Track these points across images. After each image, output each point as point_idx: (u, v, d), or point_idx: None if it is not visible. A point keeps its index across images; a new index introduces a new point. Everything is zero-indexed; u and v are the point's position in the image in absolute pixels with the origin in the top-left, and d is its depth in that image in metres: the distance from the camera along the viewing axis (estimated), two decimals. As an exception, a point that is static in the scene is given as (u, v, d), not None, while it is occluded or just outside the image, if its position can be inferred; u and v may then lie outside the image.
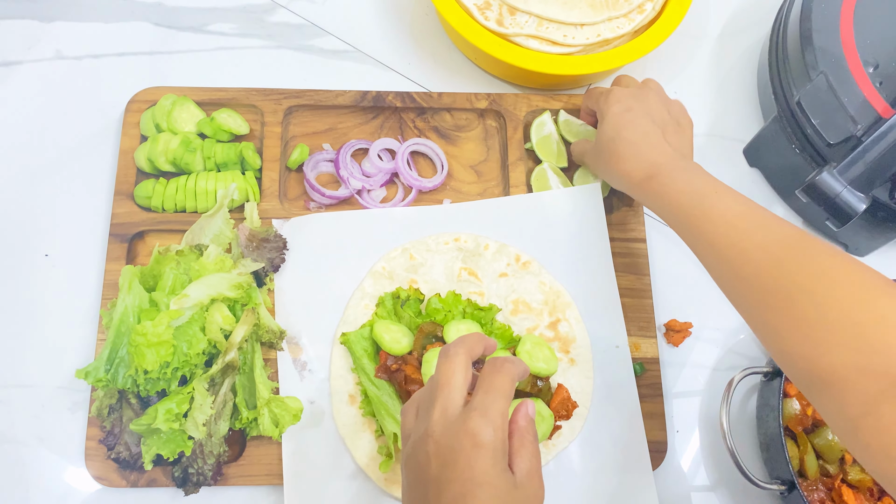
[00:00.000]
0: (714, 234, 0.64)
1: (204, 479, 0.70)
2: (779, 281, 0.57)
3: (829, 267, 0.56)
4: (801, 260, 0.58)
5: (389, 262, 0.80)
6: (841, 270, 0.56)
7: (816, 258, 0.57)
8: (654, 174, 0.70)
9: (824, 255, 0.57)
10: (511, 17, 0.85)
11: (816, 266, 0.57)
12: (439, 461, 0.53)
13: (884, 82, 0.77)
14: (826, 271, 0.56)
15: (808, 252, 0.58)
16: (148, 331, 0.67)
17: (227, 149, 0.82)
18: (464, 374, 0.57)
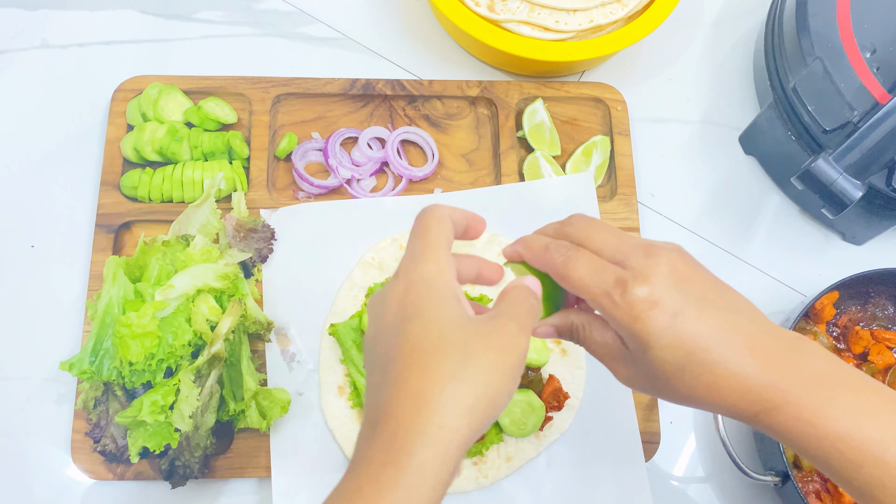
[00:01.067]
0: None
1: (191, 471, 0.70)
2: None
3: None
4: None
5: (379, 253, 0.79)
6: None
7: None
8: (777, 403, 0.43)
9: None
10: (502, 3, 0.84)
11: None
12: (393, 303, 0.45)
13: (881, 67, 0.76)
14: None
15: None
16: (132, 322, 0.66)
17: (214, 138, 0.81)
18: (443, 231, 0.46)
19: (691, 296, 0.44)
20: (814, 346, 0.45)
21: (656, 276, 0.45)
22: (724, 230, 0.86)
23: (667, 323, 0.44)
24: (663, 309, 0.44)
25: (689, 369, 0.44)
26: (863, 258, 0.86)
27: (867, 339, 0.78)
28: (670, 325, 0.44)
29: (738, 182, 0.88)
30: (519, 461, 0.73)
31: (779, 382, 0.43)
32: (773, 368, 0.43)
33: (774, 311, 0.83)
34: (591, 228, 0.49)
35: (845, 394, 0.43)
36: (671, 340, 0.44)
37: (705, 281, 0.46)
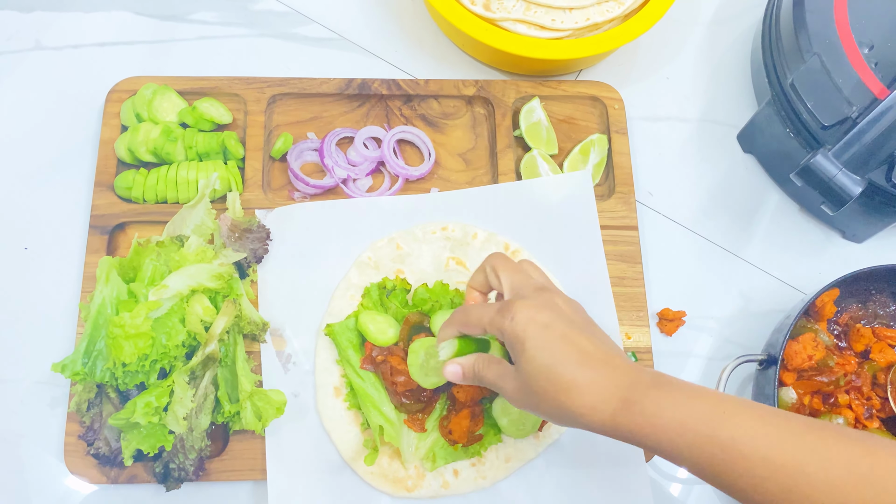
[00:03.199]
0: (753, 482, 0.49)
1: (185, 474, 0.69)
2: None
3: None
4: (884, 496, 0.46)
5: (375, 252, 0.78)
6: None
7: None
8: (627, 402, 0.53)
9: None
10: (498, 2, 0.83)
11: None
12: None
13: (879, 63, 0.75)
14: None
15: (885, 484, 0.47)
16: (125, 322, 0.66)
17: (209, 138, 0.80)
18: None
19: (562, 318, 0.56)
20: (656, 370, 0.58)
21: (537, 299, 0.57)
22: (724, 228, 0.86)
23: (538, 331, 0.55)
24: (537, 322, 0.56)
25: (554, 369, 0.54)
26: (863, 256, 0.86)
27: (868, 337, 0.77)
28: (540, 333, 0.55)
29: (737, 180, 0.88)
30: (518, 462, 0.73)
31: (628, 386, 0.53)
32: (623, 377, 0.54)
33: (774, 309, 0.82)
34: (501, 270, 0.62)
35: (680, 391, 0.53)
36: (542, 343, 0.55)
37: (578, 314, 0.59)
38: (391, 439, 0.70)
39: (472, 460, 0.72)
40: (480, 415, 0.72)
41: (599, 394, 0.53)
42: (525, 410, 0.59)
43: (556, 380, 0.54)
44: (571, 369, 0.54)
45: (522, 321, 0.56)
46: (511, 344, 0.57)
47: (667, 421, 0.51)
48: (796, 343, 0.74)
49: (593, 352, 0.55)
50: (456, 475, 0.72)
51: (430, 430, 0.72)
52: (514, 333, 0.56)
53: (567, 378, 0.54)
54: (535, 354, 0.55)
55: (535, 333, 0.55)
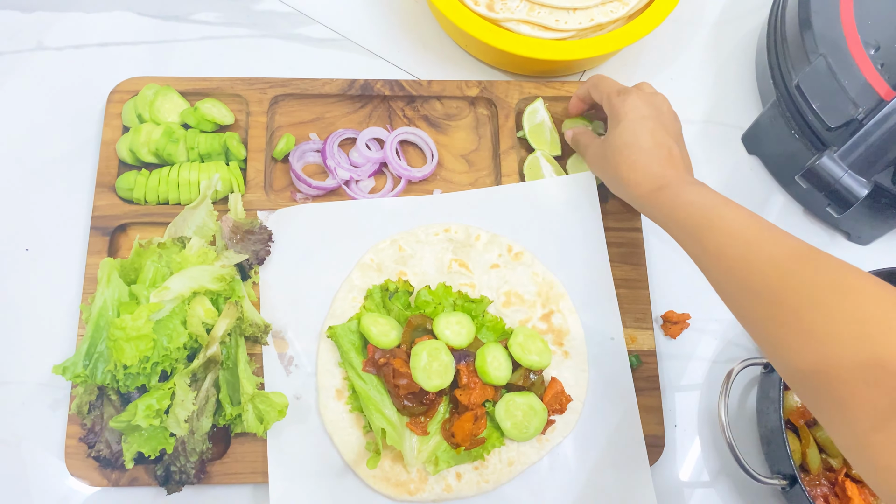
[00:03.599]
0: (721, 245, 0.61)
1: (187, 477, 0.68)
2: (787, 293, 0.55)
3: (839, 280, 0.54)
4: (810, 272, 0.55)
5: (378, 254, 0.78)
6: (851, 283, 0.54)
7: (826, 271, 0.55)
8: (664, 186, 0.68)
9: (834, 268, 0.55)
10: (502, 2, 0.83)
11: (826, 279, 0.54)
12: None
13: (885, 64, 0.75)
14: (836, 284, 0.54)
15: (817, 265, 0.56)
16: (127, 324, 0.65)
17: (210, 139, 0.80)
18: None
19: (659, 119, 0.72)
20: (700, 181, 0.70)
21: (648, 98, 0.73)
22: (728, 230, 0.85)
23: (635, 117, 0.71)
24: (640, 111, 0.72)
25: (630, 146, 0.70)
26: (869, 258, 0.85)
27: (874, 340, 0.77)
28: (636, 119, 0.71)
29: (742, 182, 0.87)
30: (521, 465, 0.72)
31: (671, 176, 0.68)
32: (673, 171, 0.69)
33: (779, 313, 0.82)
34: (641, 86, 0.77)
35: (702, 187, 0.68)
36: (633, 126, 0.71)
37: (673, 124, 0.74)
38: (393, 442, 0.70)
39: (475, 463, 0.72)
40: (483, 418, 0.72)
41: (648, 175, 0.69)
42: (593, 172, 0.79)
43: (626, 154, 0.70)
44: (639, 151, 0.70)
45: (630, 104, 0.72)
46: (612, 117, 0.73)
47: (681, 202, 0.66)
48: None
49: (663, 150, 0.70)
50: (458, 478, 0.71)
51: (432, 434, 0.71)
52: (618, 110, 0.72)
53: (634, 156, 0.70)
54: (623, 131, 0.71)
55: (633, 117, 0.71)
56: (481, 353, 0.72)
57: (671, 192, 0.67)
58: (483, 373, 0.71)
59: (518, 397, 0.72)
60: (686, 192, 0.66)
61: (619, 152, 0.71)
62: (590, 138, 0.78)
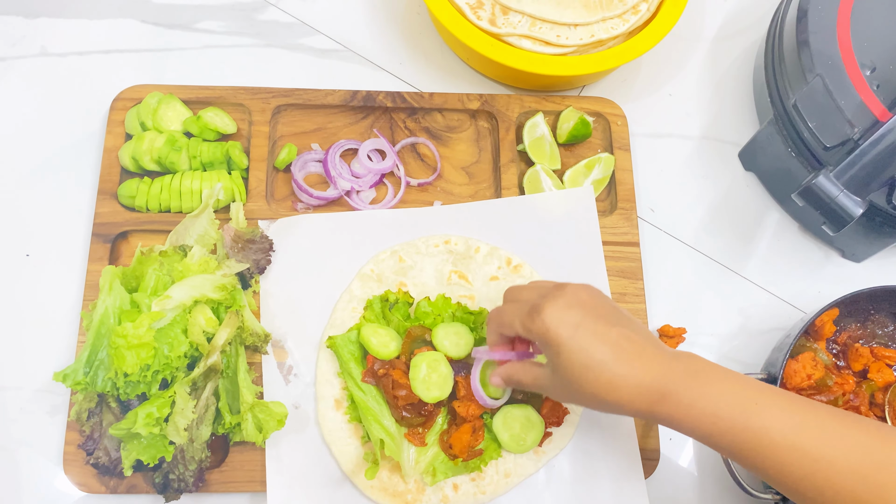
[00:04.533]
0: (780, 466, 0.52)
1: (185, 485, 0.69)
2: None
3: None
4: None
5: (378, 265, 0.79)
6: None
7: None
8: (663, 394, 0.55)
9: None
10: (504, 17, 0.84)
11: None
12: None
13: (881, 85, 0.76)
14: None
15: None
16: (128, 332, 0.66)
17: (213, 148, 0.80)
18: None
19: (590, 314, 0.58)
20: (689, 353, 0.59)
21: (562, 298, 0.59)
22: (724, 246, 0.86)
23: (570, 332, 0.57)
24: (567, 322, 0.57)
25: (592, 368, 0.57)
26: (862, 275, 0.86)
27: (867, 357, 0.78)
28: (573, 335, 0.57)
29: (738, 198, 0.88)
30: (517, 477, 0.73)
31: (663, 378, 0.56)
32: (658, 368, 0.56)
33: (773, 328, 0.83)
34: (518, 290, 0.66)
35: (714, 383, 0.56)
36: (576, 345, 0.57)
37: (604, 306, 0.60)
38: (392, 453, 0.70)
39: (472, 475, 0.72)
40: (481, 429, 0.72)
41: (637, 387, 0.56)
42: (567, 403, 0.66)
43: (594, 379, 0.57)
44: (608, 367, 0.56)
45: (553, 323, 0.58)
46: (544, 346, 0.59)
47: (701, 410, 0.54)
48: (796, 362, 0.74)
49: (626, 346, 0.57)
50: (456, 490, 0.72)
51: (430, 445, 0.72)
52: (546, 336, 0.58)
53: (605, 377, 0.56)
54: (571, 357, 0.57)
55: (568, 335, 0.57)
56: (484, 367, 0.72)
57: (676, 401, 0.55)
58: (485, 385, 0.71)
59: (516, 409, 0.73)
60: (696, 397, 0.55)
61: (584, 382, 0.57)
62: (532, 372, 0.63)
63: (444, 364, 0.72)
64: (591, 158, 0.85)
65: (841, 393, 0.75)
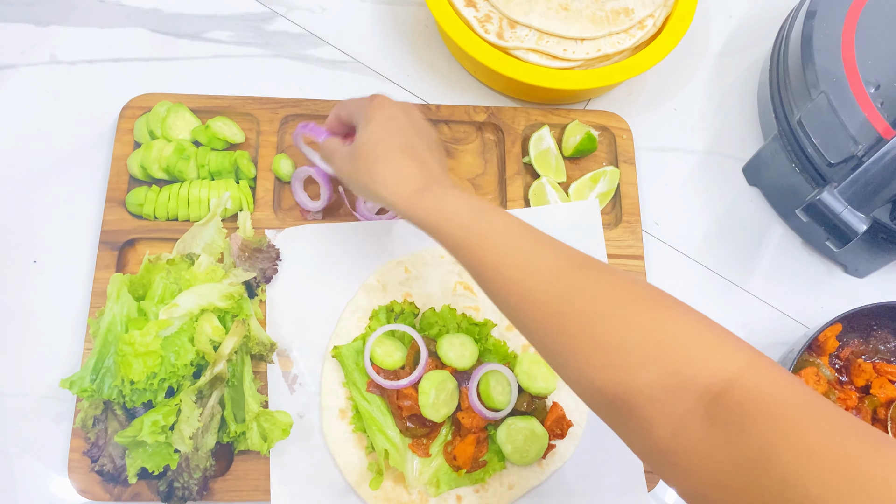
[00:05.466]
0: (497, 256, 0.57)
1: (189, 493, 0.69)
2: (573, 305, 0.53)
3: (622, 288, 0.54)
4: (593, 282, 0.54)
5: (384, 275, 0.79)
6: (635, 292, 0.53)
7: (608, 280, 0.54)
8: (424, 188, 0.62)
9: (615, 277, 0.55)
10: (511, 31, 0.84)
11: (610, 288, 0.54)
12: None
13: (885, 103, 0.77)
14: (620, 293, 0.53)
15: (599, 274, 0.55)
16: (135, 340, 0.66)
17: (221, 157, 0.81)
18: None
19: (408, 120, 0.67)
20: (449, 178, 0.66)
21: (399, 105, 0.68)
22: (727, 260, 0.87)
23: (385, 116, 0.66)
24: (387, 110, 0.66)
25: (382, 145, 0.64)
26: (864, 291, 0.87)
27: (869, 372, 0.78)
28: (386, 119, 0.66)
29: (742, 213, 0.89)
30: (521, 489, 0.73)
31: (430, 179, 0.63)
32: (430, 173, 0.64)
33: (776, 342, 0.83)
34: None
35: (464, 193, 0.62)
36: (381, 125, 0.65)
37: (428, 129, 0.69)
38: (396, 463, 0.70)
39: (476, 487, 0.72)
40: (485, 441, 0.72)
41: (404, 177, 0.63)
42: (343, 180, 0.69)
43: (377, 157, 0.64)
44: (392, 152, 0.64)
45: (378, 103, 0.67)
46: (361, 118, 0.67)
47: (445, 207, 0.60)
48: (799, 377, 0.74)
49: (418, 151, 0.65)
50: (459, 501, 0.72)
51: (434, 456, 0.72)
52: (366, 110, 0.67)
53: (385, 157, 0.64)
54: (372, 132, 0.65)
55: (381, 117, 0.66)
56: (485, 378, 0.73)
57: (433, 196, 0.61)
58: (487, 398, 0.72)
59: (520, 421, 0.73)
60: (449, 197, 0.61)
61: (370, 152, 0.65)
62: (336, 144, 0.71)
63: (449, 381, 0.72)
64: (597, 171, 0.85)
65: (844, 408, 0.75)
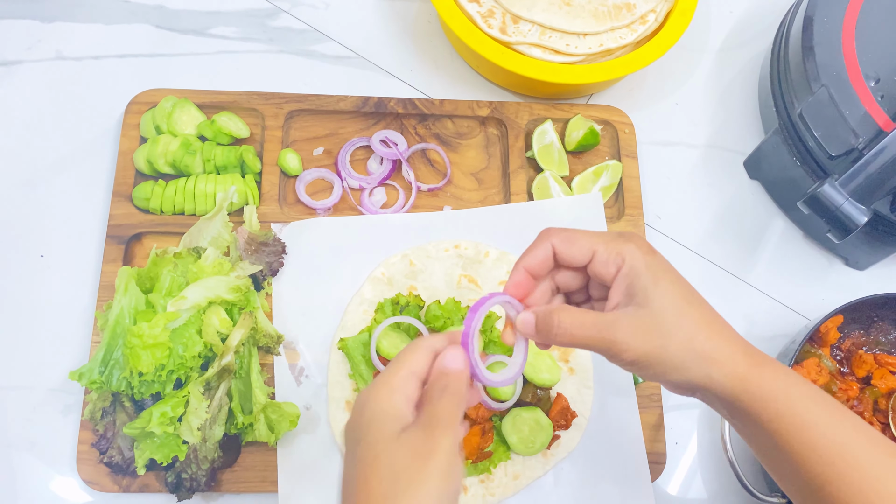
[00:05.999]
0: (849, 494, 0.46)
1: (198, 484, 0.69)
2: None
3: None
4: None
5: (389, 268, 0.79)
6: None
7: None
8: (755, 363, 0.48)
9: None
10: (514, 26, 0.85)
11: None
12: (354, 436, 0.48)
13: (885, 96, 0.77)
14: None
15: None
16: (144, 332, 0.67)
17: (227, 152, 0.81)
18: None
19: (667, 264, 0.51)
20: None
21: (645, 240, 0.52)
22: (729, 253, 0.87)
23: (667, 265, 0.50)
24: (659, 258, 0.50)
25: (695, 304, 0.49)
26: (865, 283, 0.87)
27: (870, 364, 0.79)
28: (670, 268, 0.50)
29: (743, 206, 0.90)
30: (526, 480, 0.73)
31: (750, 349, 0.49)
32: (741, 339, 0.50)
33: (778, 334, 0.84)
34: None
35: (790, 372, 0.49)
36: (675, 276, 0.50)
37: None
38: (402, 454, 0.71)
39: (481, 477, 0.73)
40: (490, 431, 0.73)
41: (732, 344, 0.49)
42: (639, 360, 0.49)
43: (697, 316, 0.49)
44: (711, 313, 0.49)
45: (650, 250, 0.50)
46: (636, 275, 0.49)
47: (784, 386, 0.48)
48: (801, 368, 0.75)
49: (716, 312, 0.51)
50: (465, 491, 0.72)
51: (440, 446, 0.73)
52: (643, 261, 0.49)
53: (708, 319, 0.49)
54: (673, 288, 0.49)
55: (667, 266, 0.50)
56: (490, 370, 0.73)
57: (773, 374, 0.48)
58: (492, 389, 0.72)
59: (525, 412, 0.74)
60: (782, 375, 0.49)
61: (680, 317, 0.48)
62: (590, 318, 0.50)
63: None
64: (599, 165, 0.86)
65: (845, 399, 0.76)
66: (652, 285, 0.49)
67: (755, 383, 0.48)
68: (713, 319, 0.49)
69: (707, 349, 0.48)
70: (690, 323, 0.48)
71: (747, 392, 0.48)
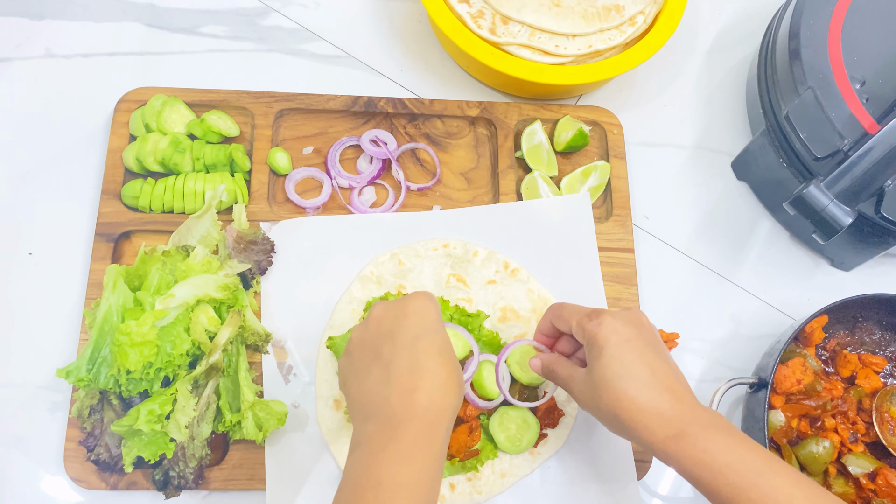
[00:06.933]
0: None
1: (185, 482, 0.69)
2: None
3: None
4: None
5: (378, 267, 0.80)
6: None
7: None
8: (681, 433, 0.57)
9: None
10: (504, 27, 0.85)
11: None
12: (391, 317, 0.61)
13: (870, 98, 0.78)
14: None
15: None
16: (132, 330, 0.67)
17: (216, 150, 0.81)
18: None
19: (643, 337, 0.61)
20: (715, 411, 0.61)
21: (624, 314, 0.63)
22: (716, 253, 0.88)
23: (619, 342, 0.60)
24: (620, 333, 0.61)
25: (623, 379, 0.59)
26: (850, 284, 0.88)
27: (855, 363, 0.80)
28: (620, 345, 0.60)
29: (730, 207, 0.90)
30: (513, 478, 0.74)
31: (685, 417, 0.57)
32: (683, 408, 0.58)
33: (763, 334, 0.84)
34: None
35: (732, 437, 0.57)
36: (619, 354, 0.60)
37: (656, 338, 0.63)
38: (390, 452, 0.71)
39: (469, 475, 0.73)
40: (477, 430, 0.73)
41: (657, 417, 0.57)
42: (585, 410, 0.64)
43: (622, 392, 0.58)
44: (638, 386, 0.58)
45: (607, 329, 0.61)
46: (590, 347, 0.62)
47: (713, 458, 0.56)
48: (786, 367, 0.76)
49: (663, 377, 0.59)
50: (452, 489, 0.73)
51: (427, 444, 0.73)
52: (595, 338, 0.61)
53: (631, 393, 0.58)
54: (609, 363, 0.60)
55: (616, 343, 0.60)
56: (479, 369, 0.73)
57: (694, 441, 0.56)
58: (480, 387, 0.73)
59: (512, 411, 0.74)
60: (715, 445, 0.56)
61: (611, 389, 0.59)
62: (569, 369, 0.65)
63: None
64: (588, 166, 0.86)
65: (829, 398, 0.76)
66: (595, 358, 0.61)
67: (671, 453, 0.57)
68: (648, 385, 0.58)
69: (626, 419, 0.58)
70: (616, 395, 0.59)
71: (666, 456, 0.57)
